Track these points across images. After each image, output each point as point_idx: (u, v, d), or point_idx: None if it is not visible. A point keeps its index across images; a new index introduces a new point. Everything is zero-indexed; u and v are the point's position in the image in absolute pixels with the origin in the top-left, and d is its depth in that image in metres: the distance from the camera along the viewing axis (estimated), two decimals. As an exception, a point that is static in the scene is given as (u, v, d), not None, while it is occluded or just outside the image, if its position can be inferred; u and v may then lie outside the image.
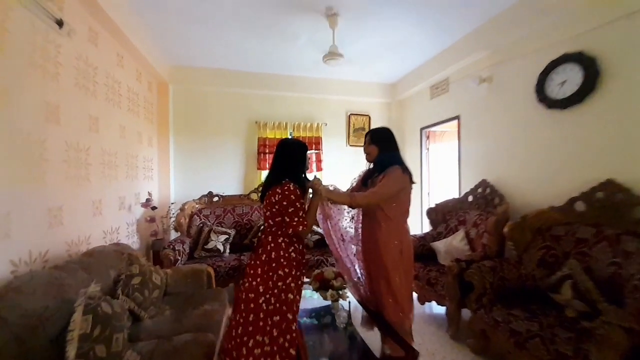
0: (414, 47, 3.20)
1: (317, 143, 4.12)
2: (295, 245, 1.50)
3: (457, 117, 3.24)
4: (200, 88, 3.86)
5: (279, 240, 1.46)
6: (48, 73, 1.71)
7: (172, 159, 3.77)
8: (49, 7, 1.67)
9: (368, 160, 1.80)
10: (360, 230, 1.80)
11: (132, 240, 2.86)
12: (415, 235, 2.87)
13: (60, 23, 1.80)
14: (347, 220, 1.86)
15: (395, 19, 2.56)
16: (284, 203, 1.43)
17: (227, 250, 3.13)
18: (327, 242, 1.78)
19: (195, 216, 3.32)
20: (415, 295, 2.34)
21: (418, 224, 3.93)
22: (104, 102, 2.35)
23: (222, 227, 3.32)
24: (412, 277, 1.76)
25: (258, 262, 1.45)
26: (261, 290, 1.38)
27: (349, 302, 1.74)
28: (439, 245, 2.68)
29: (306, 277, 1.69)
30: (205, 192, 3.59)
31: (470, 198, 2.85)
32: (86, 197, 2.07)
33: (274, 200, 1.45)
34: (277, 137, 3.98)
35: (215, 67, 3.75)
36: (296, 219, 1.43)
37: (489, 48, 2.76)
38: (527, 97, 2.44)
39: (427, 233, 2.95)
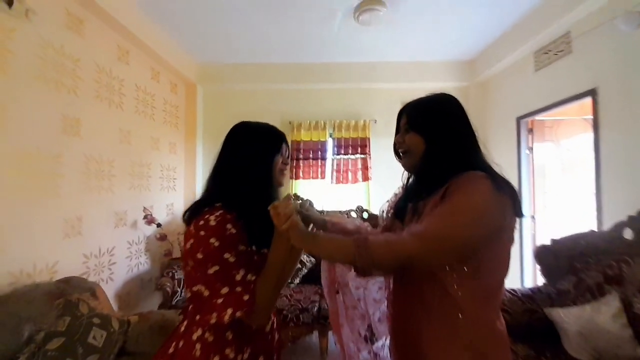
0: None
1: (363, 146, 3.23)
2: (234, 354, 0.68)
3: (590, 93, 1.94)
4: (230, 87, 3.41)
5: (194, 337, 0.67)
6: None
7: (199, 167, 3.39)
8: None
9: (404, 164, 0.86)
10: (391, 322, 0.85)
11: (137, 262, 2.47)
12: (515, 292, 1.71)
13: (9, 2, 1.44)
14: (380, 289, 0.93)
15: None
16: (198, 255, 0.65)
17: (241, 281, 2.50)
18: (333, 335, 0.87)
19: (210, 235, 2.79)
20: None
21: (516, 269, 2.62)
22: (93, 101, 1.99)
23: (239, 249, 2.71)
24: None
25: None
26: None
27: None
28: (566, 319, 1.48)
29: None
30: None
31: (628, 234, 1.56)
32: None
33: (187, 249, 0.68)
34: (313, 139, 3.25)
35: (242, 62, 3.25)
36: (225, 292, 0.64)
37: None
38: None
39: (537, 289, 1.74)
